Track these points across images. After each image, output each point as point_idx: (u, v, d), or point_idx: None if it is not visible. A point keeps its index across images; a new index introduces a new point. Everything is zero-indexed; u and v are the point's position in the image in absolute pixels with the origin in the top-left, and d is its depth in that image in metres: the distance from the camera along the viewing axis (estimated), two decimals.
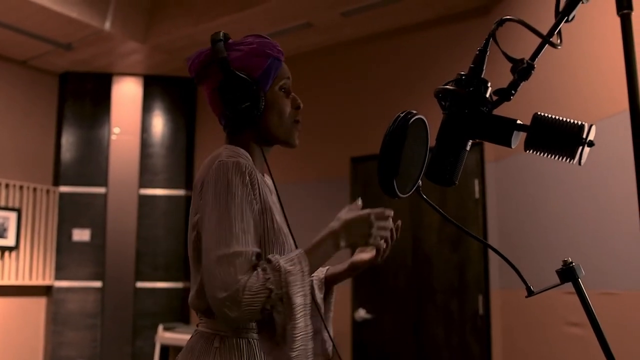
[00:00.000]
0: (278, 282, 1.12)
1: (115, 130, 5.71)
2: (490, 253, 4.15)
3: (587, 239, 3.11)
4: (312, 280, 1.44)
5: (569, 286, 0.93)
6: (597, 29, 3.06)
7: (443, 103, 0.96)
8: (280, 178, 1.57)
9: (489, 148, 4.25)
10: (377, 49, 4.97)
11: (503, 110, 0.92)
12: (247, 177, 1.19)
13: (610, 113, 2.92)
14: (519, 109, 1.42)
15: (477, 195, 4.29)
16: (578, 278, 0.92)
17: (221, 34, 1.33)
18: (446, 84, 0.97)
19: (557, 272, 0.94)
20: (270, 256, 1.17)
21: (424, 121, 1.01)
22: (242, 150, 1.28)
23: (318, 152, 4.98)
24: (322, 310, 1.46)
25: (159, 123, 5.84)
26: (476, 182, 4.31)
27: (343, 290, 4.62)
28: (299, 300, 1.13)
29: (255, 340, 1.23)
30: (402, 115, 0.98)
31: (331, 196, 4.84)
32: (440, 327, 4.35)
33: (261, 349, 1.23)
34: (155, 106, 5.84)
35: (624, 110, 2.75)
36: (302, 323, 1.13)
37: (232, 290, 1.10)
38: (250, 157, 1.29)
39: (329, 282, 1.52)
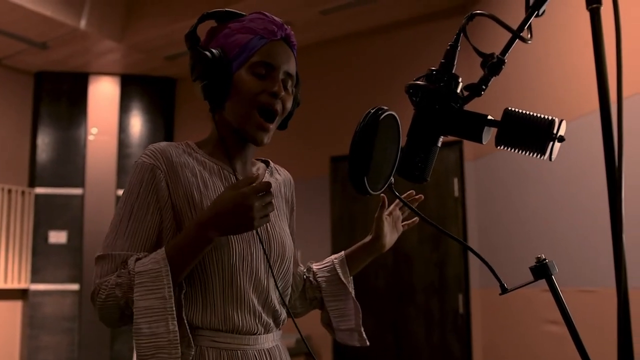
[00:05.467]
0: (127, 286, 1.07)
1: (93, 130, 5.63)
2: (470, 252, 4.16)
3: (565, 236, 3.12)
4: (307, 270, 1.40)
5: (546, 284, 0.92)
6: (571, 24, 3.07)
7: (414, 99, 0.95)
8: None
9: (468, 147, 4.26)
10: (356, 47, 4.96)
11: (483, 110, 0.91)
12: (148, 177, 1.13)
13: (586, 111, 2.94)
14: (498, 109, 1.40)
15: (456, 193, 4.30)
16: (551, 275, 0.91)
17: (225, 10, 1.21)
18: (417, 79, 0.95)
19: (531, 269, 0.92)
20: (134, 256, 1.10)
21: (395, 117, 0.99)
22: (161, 146, 1.16)
23: (298, 151, 4.96)
24: (350, 289, 1.36)
25: (136, 123, 5.77)
26: (455, 180, 4.31)
27: None
28: (144, 303, 1.04)
29: (209, 349, 1.13)
30: (372, 111, 0.96)
31: (311, 196, 4.82)
32: (421, 326, 4.35)
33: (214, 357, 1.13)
34: (132, 106, 5.77)
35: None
36: (147, 329, 1.03)
37: (92, 293, 1.11)
38: (170, 150, 1.16)
39: (352, 259, 1.39)
